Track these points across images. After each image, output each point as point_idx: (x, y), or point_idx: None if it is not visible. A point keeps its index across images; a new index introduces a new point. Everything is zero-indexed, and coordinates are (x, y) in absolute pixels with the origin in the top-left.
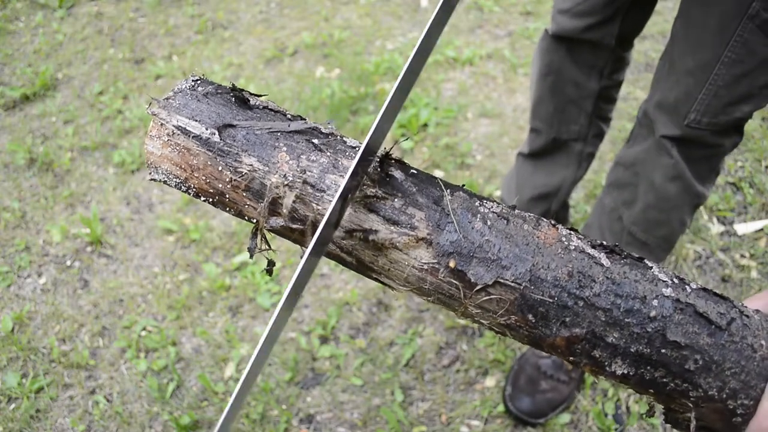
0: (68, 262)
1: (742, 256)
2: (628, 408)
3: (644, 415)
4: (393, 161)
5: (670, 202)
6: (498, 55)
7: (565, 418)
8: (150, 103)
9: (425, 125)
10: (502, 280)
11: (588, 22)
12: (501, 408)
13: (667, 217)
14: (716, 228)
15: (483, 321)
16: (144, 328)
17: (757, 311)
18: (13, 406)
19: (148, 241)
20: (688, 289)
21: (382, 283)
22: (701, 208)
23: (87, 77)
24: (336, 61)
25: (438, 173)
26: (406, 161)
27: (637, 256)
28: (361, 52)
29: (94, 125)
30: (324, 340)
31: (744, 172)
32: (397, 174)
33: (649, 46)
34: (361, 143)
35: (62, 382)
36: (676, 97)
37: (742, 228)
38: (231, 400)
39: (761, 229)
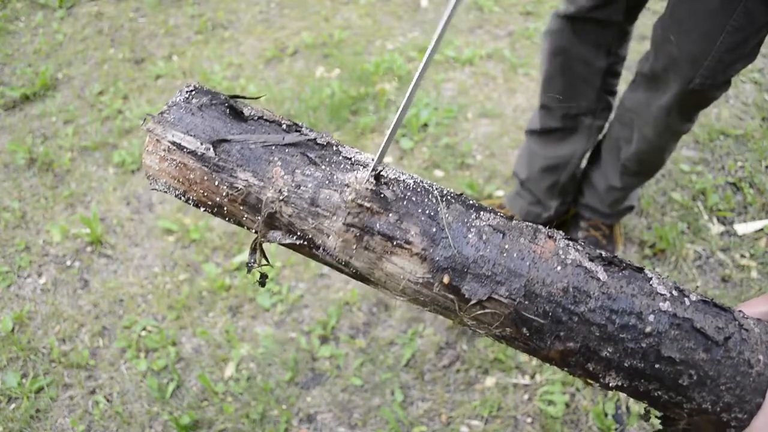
0: (68, 262)
1: (742, 256)
2: (628, 408)
3: (641, 419)
4: (387, 176)
5: (661, 148)
6: (498, 55)
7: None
8: (144, 119)
9: (425, 125)
10: (496, 296)
11: (596, 2)
12: (501, 408)
13: (657, 157)
14: (716, 228)
15: (479, 331)
16: (144, 328)
17: (759, 321)
18: (13, 406)
19: (148, 241)
20: (687, 302)
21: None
22: (701, 207)
23: (87, 77)
24: (336, 61)
25: (438, 173)
26: (401, 170)
27: (636, 266)
28: (361, 52)
29: (94, 125)
30: (324, 340)
31: (744, 172)
32: (393, 188)
33: (648, 46)
34: (358, 150)
35: (62, 382)
36: (683, 64)
37: (742, 228)
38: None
39: (761, 229)
